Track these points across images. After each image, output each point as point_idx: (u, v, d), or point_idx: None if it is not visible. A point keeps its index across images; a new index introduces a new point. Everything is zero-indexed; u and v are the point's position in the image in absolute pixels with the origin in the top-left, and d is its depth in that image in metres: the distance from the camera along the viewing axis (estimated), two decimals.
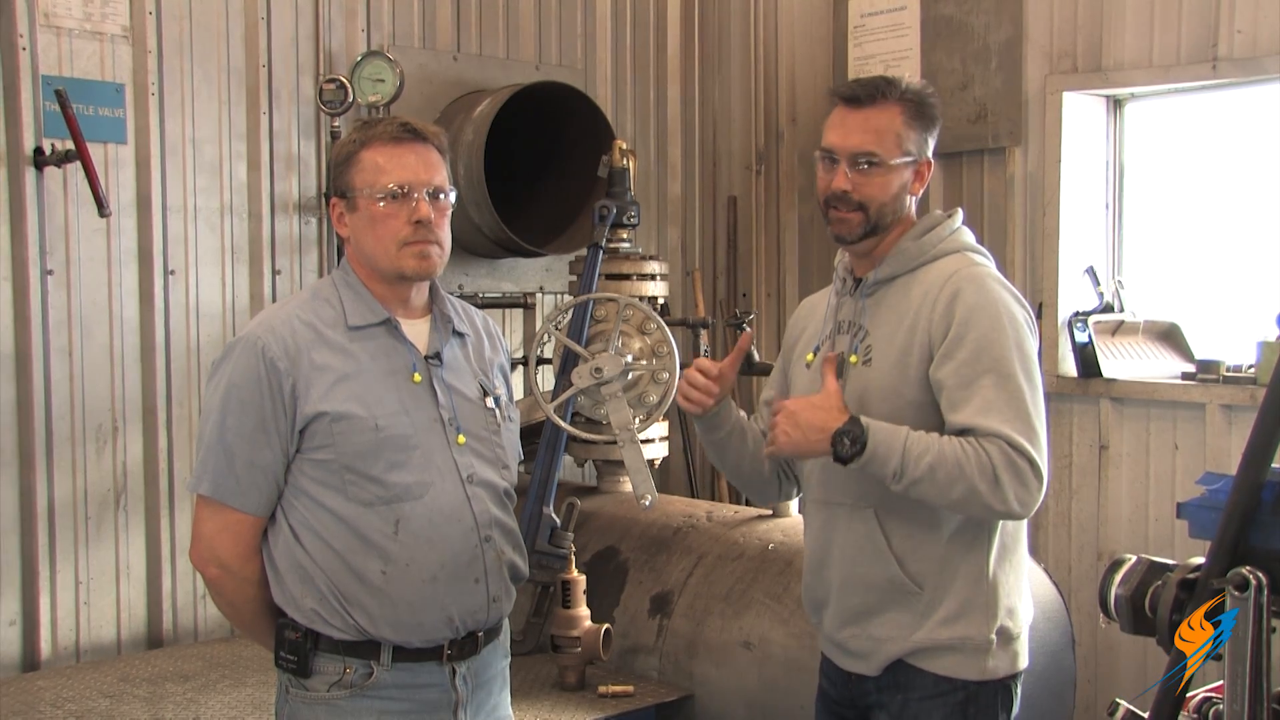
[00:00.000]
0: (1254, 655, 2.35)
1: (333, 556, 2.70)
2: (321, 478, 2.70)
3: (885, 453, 2.70)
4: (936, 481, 2.69)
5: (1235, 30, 4.87)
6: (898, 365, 2.86)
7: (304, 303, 2.80)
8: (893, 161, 2.92)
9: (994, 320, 2.81)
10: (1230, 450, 4.82)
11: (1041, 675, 4.15)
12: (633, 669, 4.38)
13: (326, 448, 2.69)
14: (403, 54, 5.21)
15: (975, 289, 2.84)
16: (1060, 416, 5.43)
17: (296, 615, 2.72)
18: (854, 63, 6.07)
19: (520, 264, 5.65)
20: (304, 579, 2.71)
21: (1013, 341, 2.82)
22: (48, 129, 4.42)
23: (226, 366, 2.72)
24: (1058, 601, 4.29)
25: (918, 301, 2.88)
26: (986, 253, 3.06)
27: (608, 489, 5.14)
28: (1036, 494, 2.73)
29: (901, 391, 2.84)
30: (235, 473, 2.68)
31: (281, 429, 2.68)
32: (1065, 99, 5.36)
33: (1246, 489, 2.43)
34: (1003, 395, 2.75)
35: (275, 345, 2.69)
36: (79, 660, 4.54)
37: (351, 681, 2.71)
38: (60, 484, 4.51)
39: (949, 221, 3.01)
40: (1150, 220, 5.49)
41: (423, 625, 2.73)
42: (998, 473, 2.69)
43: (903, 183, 2.96)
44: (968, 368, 2.77)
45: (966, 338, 2.78)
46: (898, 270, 2.95)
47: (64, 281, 4.50)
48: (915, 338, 2.85)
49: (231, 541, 2.72)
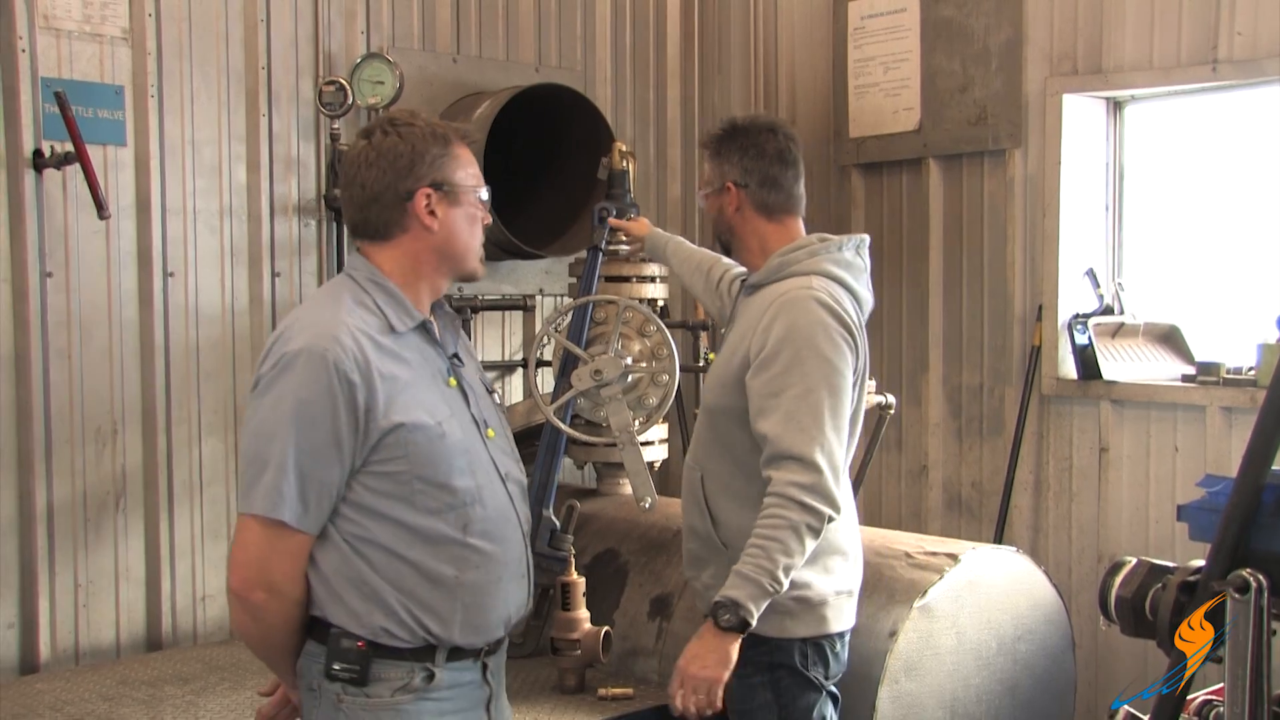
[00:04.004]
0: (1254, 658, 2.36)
1: (404, 568, 2.66)
2: (387, 490, 2.65)
3: (755, 594, 3.13)
4: (792, 558, 3.15)
5: (1235, 32, 4.88)
6: (727, 363, 3.40)
7: (347, 309, 2.69)
8: (703, 192, 3.59)
9: (807, 339, 3.23)
10: (1230, 453, 4.84)
11: (1042, 678, 4.21)
12: (632, 672, 4.35)
13: (398, 459, 2.64)
14: (402, 56, 5.20)
15: (794, 310, 3.27)
16: (1060, 419, 5.45)
17: (358, 629, 2.67)
18: (854, 65, 6.09)
19: (520, 266, 5.64)
20: (368, 595, 2.66)
21: (816, 356, 3.23)
22: (47, 131, 4.39)
23: (289, 380, 2.59)
24: (1058, 604, 4.29)
25: (757, 312, 3.34)
26: (846, 276, 3.41)
27: (607, 491, 5.12)
28: (828, 486, 3.17)
29: (725, 385, 3.38)
30: (305, 494, 2.59)
31: (351, 444, 2.61)
32: (1065, 101, 5.38)
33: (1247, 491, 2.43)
34: (803, 405, 3.19)
35: (345, 358, 2.59)
36: (78, 663, 4.52)
37: (416, 685, 2.70)
38: (59, 486, 4.49)
39: (816, 245, 3.43)
40: (1150, 222, 5.50)
41: (489, 625, 2.77)
42: (798, 509, 3.14)
43: (718, 207, 3.53)
44: (777, 381, 3.22)
45: (780, 355, 3.23)
46: (763, 280, 3.43)
47: (63, 284, 4.48)
48: (742, 344, 3.35)
49: (289, 564, 2.64)
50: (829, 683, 3.44)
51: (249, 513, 2.61)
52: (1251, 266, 5.14)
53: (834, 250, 3.43)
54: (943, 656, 3.96)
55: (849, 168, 6.21)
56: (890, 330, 6.10)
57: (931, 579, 3.96)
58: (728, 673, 3.18)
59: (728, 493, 3.41)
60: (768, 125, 3.55)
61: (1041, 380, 5.48)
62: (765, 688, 3.37)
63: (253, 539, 2.62)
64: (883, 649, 3.84)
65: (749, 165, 3.48)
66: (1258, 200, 5.09)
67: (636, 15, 6.15)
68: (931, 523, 5.89)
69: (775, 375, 3.23)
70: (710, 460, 3.45)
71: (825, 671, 3.41)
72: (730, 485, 3.40)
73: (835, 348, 3.27)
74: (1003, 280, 5.62)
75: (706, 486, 3.45)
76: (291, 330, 2.66)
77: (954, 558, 4.04)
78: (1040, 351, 5.46)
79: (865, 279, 3.51)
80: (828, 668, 3.42)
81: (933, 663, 3.93)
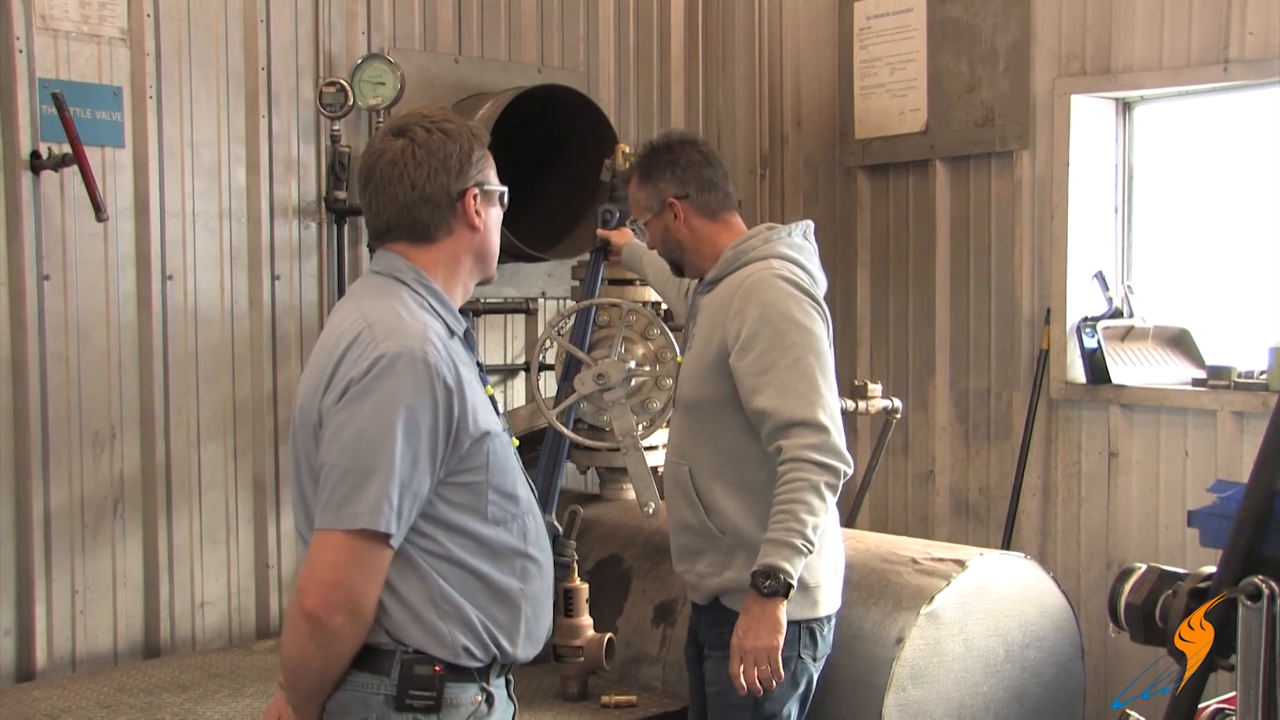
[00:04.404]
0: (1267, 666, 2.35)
1: (475, 582, 2.58)
2: (462, 501, 2.57)
3: (790, 555, 3.25)
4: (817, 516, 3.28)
5: (1247, 31, 4.85)
6: (701, 355, 3.53)
7: (413, 311, 2.59)
8: (644, 220, 3.75)
9: (782, 314, 3.39)
10: (1242, 458, 4.82)
11: (1051, 685, 4.20)
12: (636, 679, 4.34)
13: (479, 469, 2.57)
14: (403, 56, 5.18)
15: (764, 289, 3.43)
16: (1069, 423, 5.44)
17: (439, 651, 2.55)
18: (860, 65, 6.08)
19: (522, 269, 5.62)
20: (449, 613, 2.55)
21: (796, 327, 3.39)
22: (44, 132, 4.38)
23: (391, 385, 2.45)
24: (1066, 611, 4.27)
25: (723, 301, 3.50)
26: (800, 257, 3.56)
27: (611, 496, 5.11)
28: (836, 443, 3.32)
29: (705, 375, 3.51)
30: (403, 506, 2.46)
31: (443, 453, 2.51)
32: (1074, 102, 5.37)
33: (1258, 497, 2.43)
34: (795, 374, 3.34)
35: (441, 363, 2.49)
36: (75, 670, 4.50)
37: (483, 711, 2.62)
38: (56, 491, 4.47)
39: (767, 234, 3.59)
40: (1160, 224, 5.48)
41: (541, 636, 2.72)
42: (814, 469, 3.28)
43: (663, 227, 3.70)
44: (764, 358, 3.36)
45: (761, 333, 3.38)
46: (719, 274, 3.59)
47: (61, 287, 4.46)
48: (716, 332, 3.48)
49: (375, 584, 2.48)
50: (816, 664, 3.54)
51: (342, 527, 2.44)
52: (1263, 269, 5.12)
53: (784, 235, 3.59)
54: (950, 664, 3.94)
55: (854, 169, 6.19)
56: (896, 333, 6.08)
57: (939, 585, 3.95)
58: (782, 637, 3.28)
59: (719, 481, 3.52)
60: (681, 138, 3.77)
61: (1050, 384, 5.46)
62: None
63: (341, 556, 2.45)
64: (889, 656, 3.83)
65: (682, 175, 3.66)
66: (1270, 202, 5.07)
67: (640, 15, 6.14)
68: (938, 528, 5.88)
69: (761, 353, 3.37)
70: (696, 452, 3.56)
71: (814, 652, 3.52)
72: (721, 473, 3.52)
73: (810, 317, 3.43)
74: (1010, 283, 5.60)
75: (696, 478, 3.55)
76: (375, 332, 2.52)
77: (961, 564, 4.03)
78: (1048, 355, 5.45)
79: (816, 261, 3.66)
80: (816, 649, 3.52)
81: (940, 670, 3.92)
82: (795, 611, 3.40)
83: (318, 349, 2.66)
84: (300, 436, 2.64)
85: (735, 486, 3.50)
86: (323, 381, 2.55)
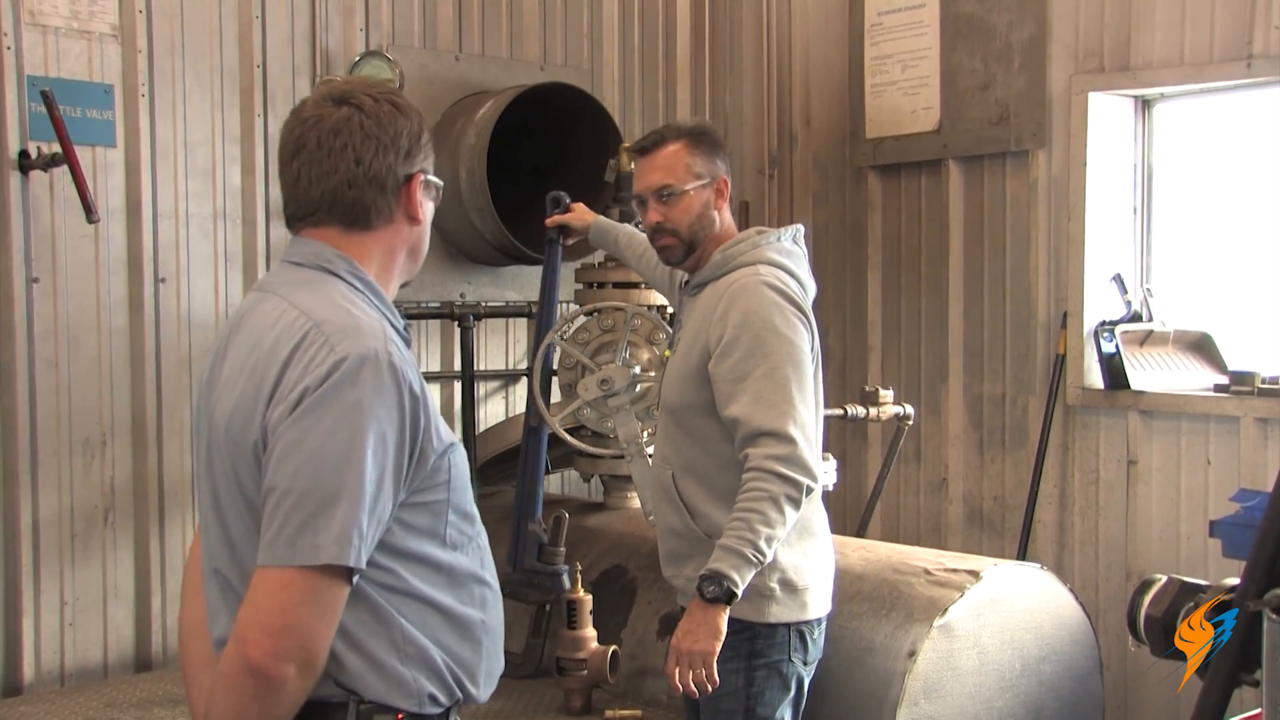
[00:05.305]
0: None
1: (439, 619, 2.27)
2: (422, 525, 2.24)
3: (739, 564, 3.24)
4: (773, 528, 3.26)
5: (1272, 26, 4.81)
6: (685, 358, 3.52)
7: (362, 307, 2.26)
8: (687, 187, 3.55)
9: (764, 321, 3.38)
10: (1266, 465, 4.78)
11: (1068, 701, 4.18)
12: (641, 692, 4.30)
13: (440, 486, 2.25)
14: (402, 54, 5.17)
15: (748, 296, 3.41)
16: (1086, 430, 5.43)
17: (402, 701, 2.23)
18: (870, 63, 6.09)
19: (525, 272, 5.60)
20: (411, 658, 2.24)
21: (776, 336, 3.37)
22: (33, 131, 4.36)
23: (354, 393, 2.11)
24: (1084, 623, 4.23)
25: (710, 306, 3.48)
26: (789, 263, 3.53)
27: (615, 505, 5.07)
28: (803, 456, 3.30)
29: (688, 380, 3.50)
30: (367, 536, 2.12)
31: (407, 471, 2.18)
32: (1091, 99, 5.34)
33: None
34: (769, 384, 3.33)
35: (406, 365, 2.19)
36: (64, 684, 4.48)
37: None
38: (45, 500, 4.44)
39: (756, 238, 3.56)
40: (1180, 226, 5.45)
41: (498, 673, 2.42)
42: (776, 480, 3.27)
43: (704, 202, 3.58)
44: (741, 365, 3.36)
45: (740, 340, 3.37)
46: (707, 278, 3.56)
47: (50, 290, 4.44)
48: (699, 338, 3.48)
49: (332, 627, 2.13)
50: (808, 668, 3.55)
51: (298, 563, 2.08)
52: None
53: (774, 240, 3.58)
54: (964, 677, 3.91)
55: (865, 169, 6.17)
56: (909, 338, 6.07)
57: (952, 596, 3.92)
58: (719, 644, 3.30)
59: (703, 485, 3.53)
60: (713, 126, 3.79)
61: (1066, 390, 5.44)
62: (738, 674, 3.46)
63: (294, 598, 2.09)
64: (901, 669, 3.81)
65: (727, 163, 3.68)
66: None
67: (645, 12, 6.13)
68: (952, 538, 5.85)
69: (738, 360, 3.38)
70: (680, 456, 3.57)
71: (805, 655, 3.53)
72: (705, 478, 3.53)
73: (792, 327, 3.42)
74: (1026, 286, 5.58)
75: (679, 483, 3.56)
76: (326, 332, 2.17)
77: (975, 575, 4.00)
78: (1065, 360, 5.43)
79: (806, 266, 3.65)
80: (806, 652, 3.53)
81: (953, 684, 3.89)
82: (785, 614, 3.44)
83: (242, 352, 2.27)
84: (225, 458, 2.24)
85: (719, 491, 3.49)
86: (264, 391, 2.18)
